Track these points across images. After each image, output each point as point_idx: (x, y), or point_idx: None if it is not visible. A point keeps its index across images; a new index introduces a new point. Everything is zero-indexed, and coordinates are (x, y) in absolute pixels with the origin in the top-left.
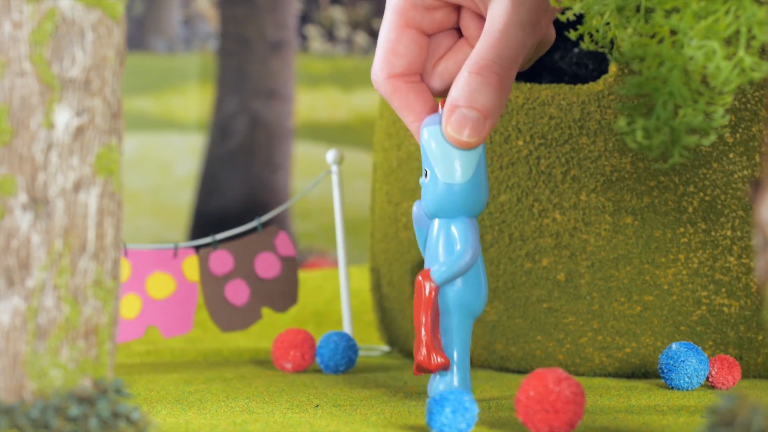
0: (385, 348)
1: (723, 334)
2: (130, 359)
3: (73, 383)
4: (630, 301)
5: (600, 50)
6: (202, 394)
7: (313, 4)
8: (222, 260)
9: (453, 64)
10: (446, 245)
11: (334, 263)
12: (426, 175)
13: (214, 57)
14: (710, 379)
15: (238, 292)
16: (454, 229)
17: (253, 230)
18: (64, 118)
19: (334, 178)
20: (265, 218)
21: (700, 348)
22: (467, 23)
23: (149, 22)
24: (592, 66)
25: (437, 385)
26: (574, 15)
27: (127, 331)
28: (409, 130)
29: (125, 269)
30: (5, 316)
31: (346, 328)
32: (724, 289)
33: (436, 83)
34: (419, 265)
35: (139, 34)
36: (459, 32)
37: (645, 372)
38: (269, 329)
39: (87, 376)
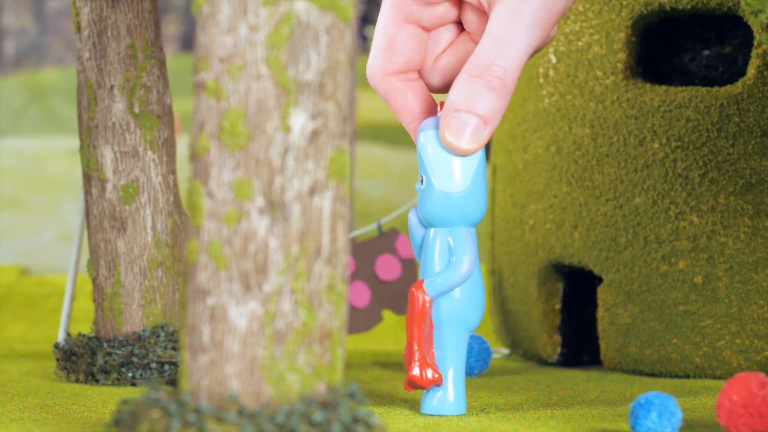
0: (504, 351)
1: None
2: None
3: (310, 388)
4: None
5: None
6: None
7: (373, 4)
8: None
9: (454, 60)
10: (442, 256)
11: None
12: (422, 182)
13: None
14: None
15: (359, 295)
16: (450, 239)
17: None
18: (299, 121)
19: None
20: (385, 220)
21: None
22: (469, 17)
23: None
24: (723, 68)
25: (431, 401)
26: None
27: None
28: (520, 134)
29: None
30: (242, 320)
31: None
32: None
33: (436, 80)
34: (547, 268)
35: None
36: (460, 26)
37: None
38: (375, 330)
39: (322, 381)
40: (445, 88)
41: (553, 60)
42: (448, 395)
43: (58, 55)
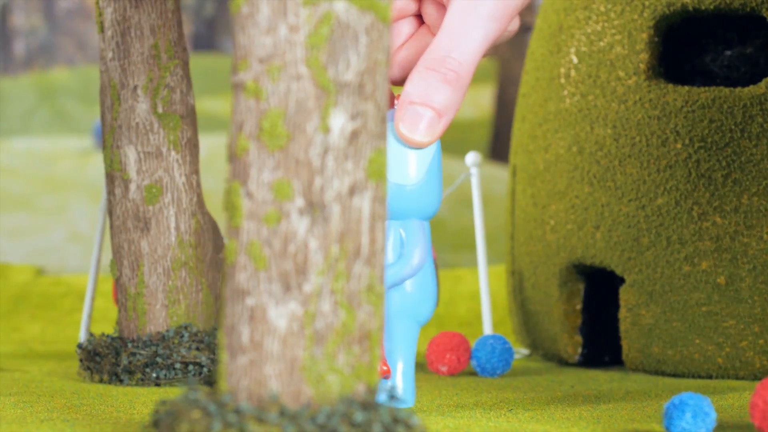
0: (524, 351)
1: None
2: None
3: (349, 389)
4: None
5: None
6: None
7: None
8: None
9: (413, 53)
10: (394, 248)
11: None
12: None
13: None
14: None
15: None
16: (402, 232)
17: None
18: (339, 122)
19: (474, 181)
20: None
21: None
22: (428, 11)
23: (220, 23)
24: (744, 69)
25: (379, 393)
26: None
27: None
28: (556, 132)
29: None
30: (282, 321)
31: (487, 331)
32: None
33: (396, 72)
34: (568, 268)
35: (209, 35)
36: (420, 19)
37: None
38: None
39: (361, 382)
40: (404, 81)
41: (575, 60)
42: (397, 388)
43: (69, 55)
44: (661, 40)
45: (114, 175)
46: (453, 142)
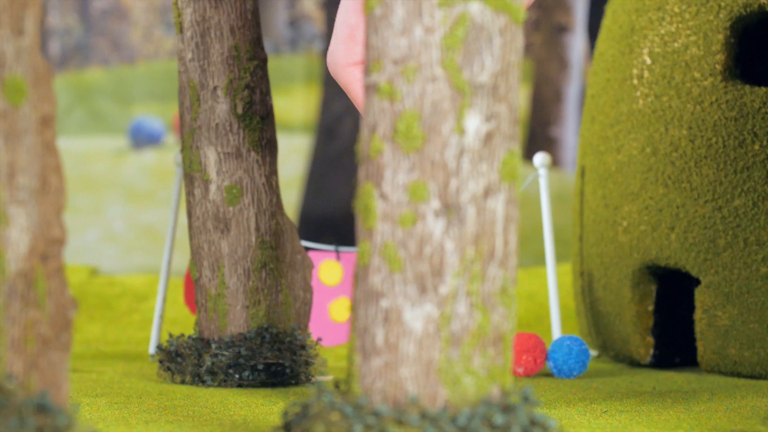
0: (593, 352)
1: None
2: (339, 363)
3: (484, 391)
4: None
5: None
6: None
7: None
8: None
9: None
10: None
11: None
12: None
13: (320, 58)
14: None
15: None
16: None
17: None
18: (474, 123)
19: (542, 181)
20: None
21: None
22: None
23: None
24: None
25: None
26: None
27: (339, 334)
28: (625, 134)
29: (337, 272)
30: (418, 323)
31: (555, 332)
32: None
33: None
34: (641, 269)
35: None
36: None
37: None
38: None
39: (496, 384)
40: None
41: (648, 61)
42: None
43: (104, 56)
44: (738, 41)
45: (193, 176)
46: None
